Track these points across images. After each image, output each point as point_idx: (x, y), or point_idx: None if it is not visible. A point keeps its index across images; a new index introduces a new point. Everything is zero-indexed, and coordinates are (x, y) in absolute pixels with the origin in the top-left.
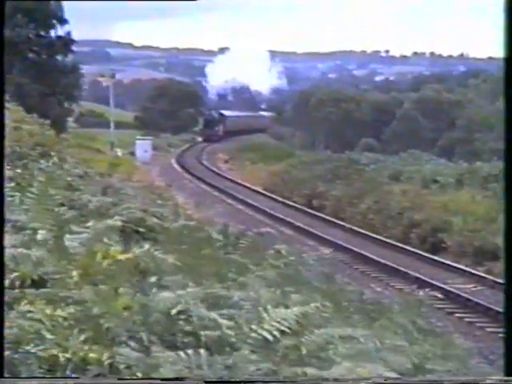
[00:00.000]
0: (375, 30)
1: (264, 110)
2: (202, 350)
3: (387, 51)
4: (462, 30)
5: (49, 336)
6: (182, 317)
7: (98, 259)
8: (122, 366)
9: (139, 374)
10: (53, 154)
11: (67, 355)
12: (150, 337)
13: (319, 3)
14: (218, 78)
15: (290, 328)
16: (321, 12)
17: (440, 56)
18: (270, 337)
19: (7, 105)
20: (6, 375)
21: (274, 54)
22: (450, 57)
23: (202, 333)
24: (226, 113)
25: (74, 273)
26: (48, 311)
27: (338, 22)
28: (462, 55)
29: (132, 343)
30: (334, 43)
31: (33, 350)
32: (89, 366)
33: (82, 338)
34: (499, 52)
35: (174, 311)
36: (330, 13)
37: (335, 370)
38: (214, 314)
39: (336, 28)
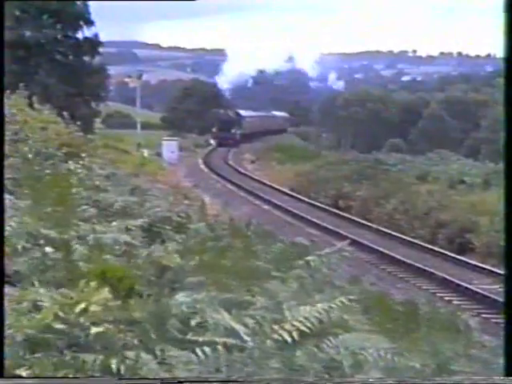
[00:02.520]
0: (402, 29)
1: (291, 109)
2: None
3: (414, 51)
4: (490, 30)
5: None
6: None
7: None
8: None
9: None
10: (80, 154)
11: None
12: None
13: (346, 3)
14: (236, 76)
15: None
16: (347, 12)
17: (467, 56)
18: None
19: (36, 105)
20: (6, 375)
21: (299, 55)
22: (478, 57)
23: (218, 339)
24: (242, 112)
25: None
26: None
27: (364, 22)
28: (489, 55)
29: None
30: (361, 43)
31: None
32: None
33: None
34: None
35: (192, 322)
36: (357, 13)
37: None
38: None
39: (363, 28)
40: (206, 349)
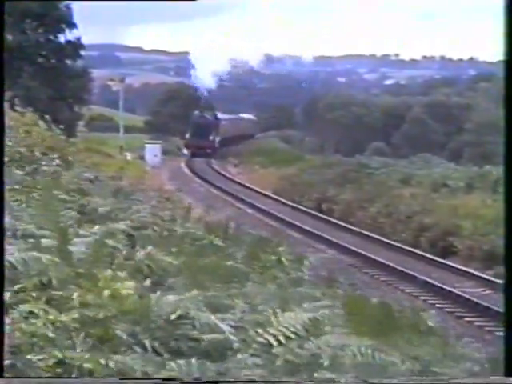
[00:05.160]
0: (384, 33)
1: (274, 112)
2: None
3: (397, 55)
4: (472, 34)
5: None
6: (183, 321)
7: (100, 285)
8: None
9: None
10: (63, 157)
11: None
12: (152, 342)
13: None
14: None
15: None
16: (331, 15)
17: (450, 60)
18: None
19: (18, 108)
20: (6, 375)
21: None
22: (460, 60)
23: (204, 337)
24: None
25: (75, 294)
26: (52, 316)
27: (347, 26)
28: (471, 59)
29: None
30: (344, 47)
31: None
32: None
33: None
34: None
35: (173, 316)
36: (340, 16)
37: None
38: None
39: (345, 32)
40: None
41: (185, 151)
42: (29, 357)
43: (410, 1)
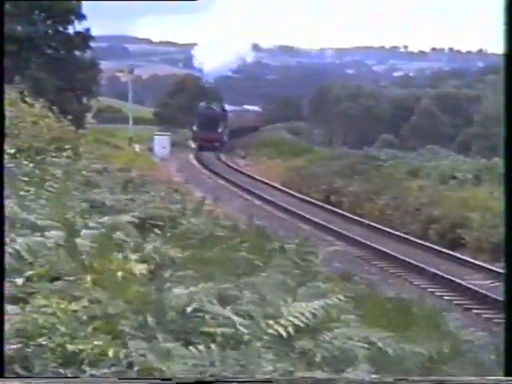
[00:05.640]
0: (393, 25)
1: (282, 104)
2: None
3: (406, 47)
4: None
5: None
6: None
7: (113, 267)
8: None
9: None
10: (71, 149)
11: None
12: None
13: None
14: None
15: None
16: (338, 7)
17: (459, 52)
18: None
19: (27, 99)
20: (6, 375)
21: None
22: (469, 52)
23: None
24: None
25: (88, 278)
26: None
27: (356, 17)
28: (480, 51)
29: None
30: (353, 38)
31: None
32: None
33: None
34: None
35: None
36: (348, 8)
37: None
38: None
39: (354, 23)
40: None
41: (192, 144)
42: None
43: None
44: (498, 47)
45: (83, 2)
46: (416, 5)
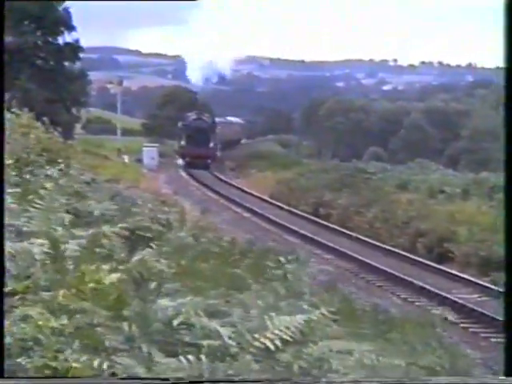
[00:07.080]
0: (383, 38)
1: (272, 117)
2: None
3: (395, 60)
4: (470, 40)
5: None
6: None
7: (87, 279)
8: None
9: None
10: (60, 160)
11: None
12: (150, 346)
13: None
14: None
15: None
16: (329, 21)
17: (448, 66)
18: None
19: (15, 110)
20: (6, 375)
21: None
22: (458, 66)
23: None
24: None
25: (61, 292)
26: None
27: (345, 31)
28: (470, 65)
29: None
30: (343, 52)
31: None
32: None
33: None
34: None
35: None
36: (338, 21)
37: None
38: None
39: (344, 37)
40: None
41: (180, 161)
42: None
43: (407, 6)
44: (487, 61)
45: (73, 14)
46: (406, 19)
